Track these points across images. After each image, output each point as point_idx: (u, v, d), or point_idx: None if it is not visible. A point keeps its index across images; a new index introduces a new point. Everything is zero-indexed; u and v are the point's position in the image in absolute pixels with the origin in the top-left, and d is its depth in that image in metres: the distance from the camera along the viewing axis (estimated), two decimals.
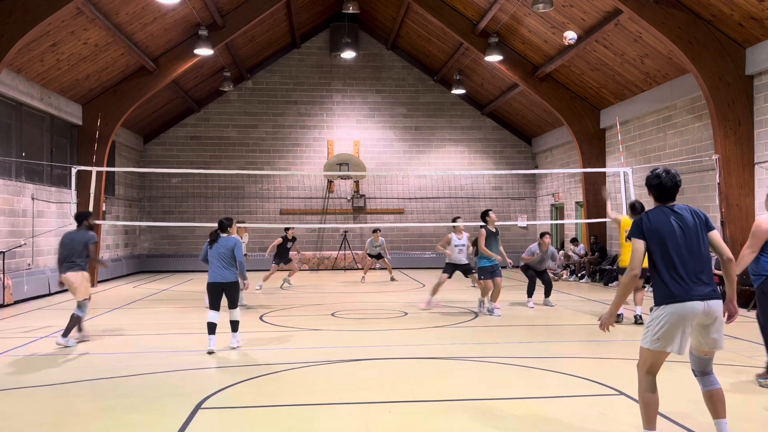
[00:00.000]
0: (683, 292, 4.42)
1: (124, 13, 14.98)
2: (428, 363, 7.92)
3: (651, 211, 4.65)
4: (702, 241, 4.57)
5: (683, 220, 4.56)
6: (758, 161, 12.83)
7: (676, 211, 4.60)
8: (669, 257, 4.49)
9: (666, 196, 4.65)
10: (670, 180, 4.61)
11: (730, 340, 9.14)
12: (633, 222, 4.66)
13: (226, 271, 8.53)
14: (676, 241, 4.51)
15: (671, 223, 4.54)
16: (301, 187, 24.38)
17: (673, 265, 4.48)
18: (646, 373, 4.58)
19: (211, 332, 8.47)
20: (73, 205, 14.24)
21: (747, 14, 12.01)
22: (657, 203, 4.70)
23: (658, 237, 4.51)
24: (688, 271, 4.47)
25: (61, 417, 5.67)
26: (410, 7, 20.53)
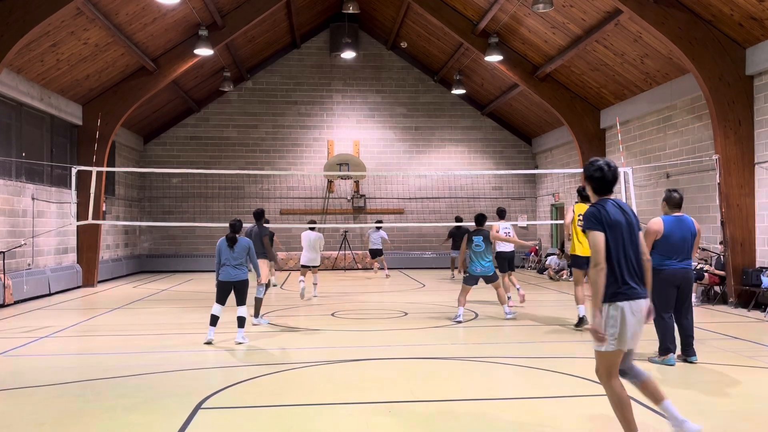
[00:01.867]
0: (634, 289, 4.42)
1: (124, 13, 14.98)
2: (428, 363, 7.92)
3: (605, 202, 4.55)
4: (637, 239, 4.56)
5: (627, 215, 4.54)
6: (758, 161, 12.83)
7: (621, 206, 4.57)
8: (623, 253, 4.44)
9: (607, 189, 4.60)
10: (612, 173, 4.57)
11: (730, 339, 9.16)
12: (589, 213, 4.50)
13: (237, 270, 8.96)
14: (626, 236, 4.47)
15: (622, 218, 4.50)
16: (301, 187, 24.38)
17: (626, 261, 4.44)
18: (611, 378, 4.48)
19: (213, 323, 8.94)
20: (73, 205, 14.23)
21: (747, 14, 12.01)
22: (597, 196, 4.62)
23: (615, 231, 4.43)
24: (635, 268, 4.47)
25: (61, 417, 5.67)
26: (410, 7, 20.52)
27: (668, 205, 7.65)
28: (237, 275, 8.98)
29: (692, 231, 7.53)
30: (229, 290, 9.03)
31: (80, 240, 17.82)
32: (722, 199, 12.94)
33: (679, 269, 7.43)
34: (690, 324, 7.59)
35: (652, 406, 4.80)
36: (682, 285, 7.48)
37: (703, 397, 6.22)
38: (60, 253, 16.84)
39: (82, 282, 17.59)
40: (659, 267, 7.45)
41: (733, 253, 12.77)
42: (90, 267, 17.91)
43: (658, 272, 7.44)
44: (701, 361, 7.56)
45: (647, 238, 7.54)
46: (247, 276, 9.11)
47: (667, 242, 7.43)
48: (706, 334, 9.39)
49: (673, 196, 7.63)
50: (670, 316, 7.51)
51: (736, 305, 12.62)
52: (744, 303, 12.63)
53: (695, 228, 7.58)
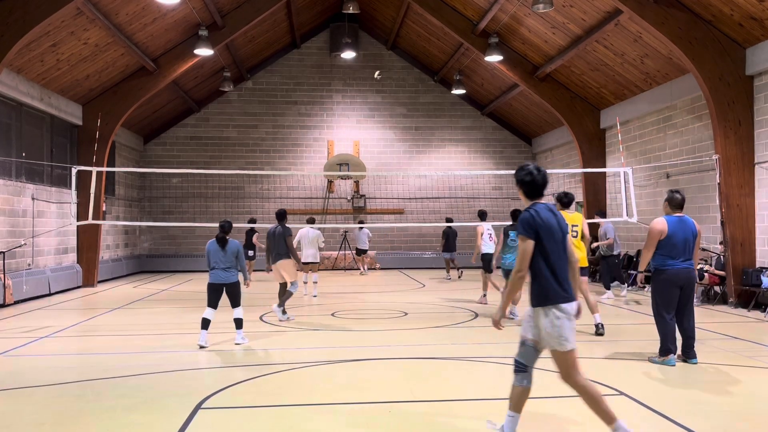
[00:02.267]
0: (569, 292, 4.55)
1: (124, 13, 14.98)
2: (428, 363, 7.92)
3: (538, 207, 4.61)
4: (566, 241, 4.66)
5: (558, 219, 4.64)
6: (758, 161, 12.83)
7: (553, 210, 4.65)
8: (556, 256, 4.54)
9: (538, 193, 4.69)
10: (541, 177, 4.66)
11: (730, 339, 9.16)
12: (523, 219, 4.57)
13: (226, 273, 8.79)
14: (558, 240, 4.57)
15: (555, 221, 4.59)
16: (301, 187, 24.38)
17: (559, 264, 4.54)
18: (577, 376, 4.57)
19: (204, 327, 8.78)
20: (73, 205, 14.23)
21: (747, 14, 12.01)
22: (529, 200, 4.71)
23: (550, 235, 4.51)
24: (563, 272, 4.57)
25: (61, 417, 5.67)
26: (410, 7, 20.52)
27: (670, 206, 7.66)
28: (227, 278, 8.80)
29: (693, 232, 7.54)
30: (220, 293, 8.86)
31: (80, 240, 17.82)
32: (722, 199, 12.94)
33: (682, 269, 7.43)
34: (691, 325, 7.58)
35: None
36: (685, 286, 7.48)
37: (703, 397, 6.22)
38: (60, 253, 16.84)
39: (82, 282, 17.59)
40: (662, 267, 7.46)
41: (733, 253, 12.77)
42: (90, 267, 17.90)
43: (661, 272, 7.46)
44: (701, 361, 7.57)
45: (651, 239, 7.52)
46: (237, 278, 8.92)
47: (669, 242, 7.44)
48: (706, 334, 9.39)
49: (675, 197, 7.65)
50: (672, 317, 7.50)
51: (736, 305, 12.62)
52: (744, 303, 12.63)
53: (696, 229, 7.59)
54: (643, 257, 7.73)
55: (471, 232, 24.88)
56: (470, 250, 24.95)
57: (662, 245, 7.48)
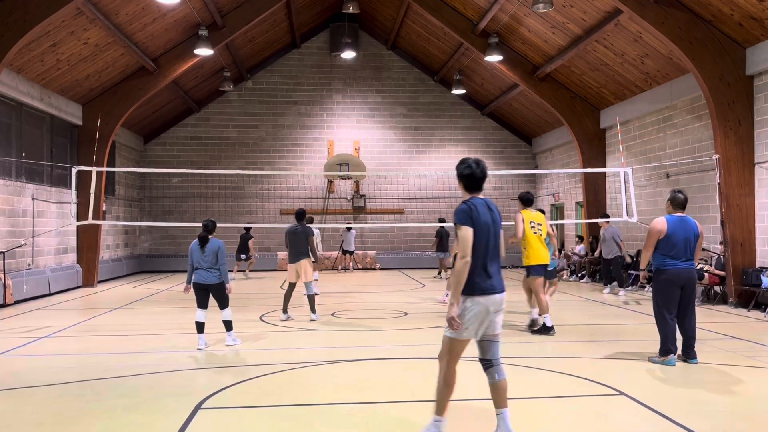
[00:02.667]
0: (492, 285, 4.68)
1: (124, 13, 14.98)
2: (428, 363, 7.91)
3: (475, 201, 4.77)
4: (500, 238, 4.82)
5: (493, 214, 4.79)
6: (758, 161, 12.83)
7: (488, 204, 4.81)
8: (485, 250, 4.66)
9: (477, 187, 4.84)
10: (480, 171, 4.83)
11: (730, 339, 9.16)
12: (460, 210, 4.71)
13: (208, 273, 8.62)
14: (491, 234, 4.71)
15: (489, 217, 4.74)
16: (301, 187, 24.38)
17: (486, 257, 4.67)
18: (452, 362, 4.75)
19: (200, 331, 8.71)
20: (73, 205, 14.23)
21: (747, 14, 12.01)
22: (468, 193, 4.85)
23: (482, 229, 4.65)
24: (494, 264, 4.72)
25: (61, 417, 5.67)
26: (410, 7, 20.52)
27: (672, 205, 7.67)
28: (208, 278, 8.58)
29: (695, 232, 7.53)
30: (205, 292, 8.71)
31: (80, 240, 17.82)
32: (722, 199, 12.94)
33: (683, 269, 7.42)
34: (692, 326, 7.58)
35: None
36: (686, 286, 7.47)
37: (703, 397, 6.22)
38: (60, 253, 16.83)
39: (82, 282, 17.59)
40: (662, 267, 7.46)
41: (733, 253, 12.77)
42: (90, 267, 17.90)
43: (661, 272, 7.46)
44: (701, 361, 7.57)
45: (650, 238, 7.54)
46: (221, 279, 8.67)
47: (669, 242, 7.43)
48: (706, 334, 9.39)
49: (677, 197, 7.66)
50: (672, 317, 7.49)
51: (736, 305, 12.62)
52: (744, 303, 12.63)
53: (698, 229, 7.59)
54: (643, 257, 7.74)
55: None
56: None
57: (662, 245, 7.48)
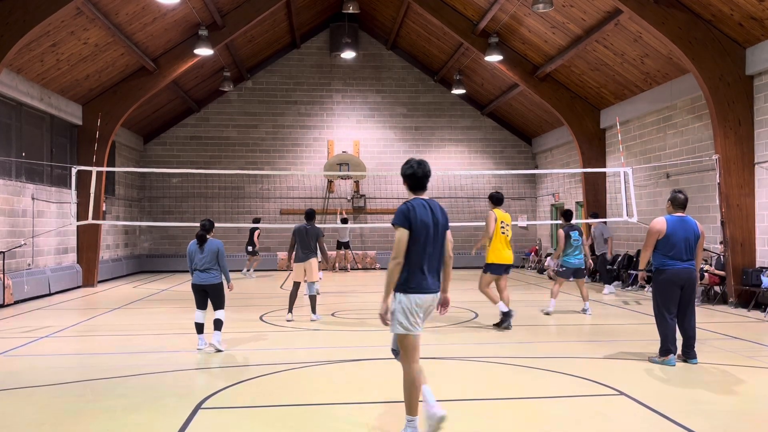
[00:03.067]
0: (425, 284, 4.84)
1: (124, 13, 14.98)
2: (428, 363, 7.90)
3: (415, 201, 4.92)
4: (443, 238, 4.95)
5: (436, 215, 4.91)
6: (758, 161, 12.83)
7: (431, 205, 4.93)
8: (423, 249, 4.81)
9: (419, 187, 5.01)
10: (422, 171, 5.00)
11: (730, 339, 9.16)
12: (399, 211, 4.87)
13: (207, 274, 8.51)
14: (430, 235, 4.84)
15: (429, 216, 4.86)
16: (301, 187, 24.38)
17: (425, 257, 4.82)
18: (409, 359, 4.88)
19: (199, 332, 8.67)
20: (73, 205, 14.23)
21: (747, 14, 12.01)
22: (413, 193, 5.02)
23: (419, 229, 4.79)
24: (431, 265, 4.87)
25: (61, 417, 5.67)
26: (410, 7, 20.52)
27: (672, 205, 7.67)
28: (207, 279, 8.47)
29: (695, 232, 7.53)
30: (204, 293, 8.60)
31: (80, 240, 17.82)
32: (722, 199, 12.94)
33: (683, 269, 7.42)
34: (692, 326, 7.58)
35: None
36: (686, 286, 7.47)
37: (703, 397, 6.22)
38: (60, 253, 16.83)
39: (82, 282, 17.59)
40: (662, 267, 7.46)
41: (733, 253, 12.77)
42: (90, 267, 17.90)
43: (661, 272, 7.46)
44: (701, 361, 7.57)
45: (650, 238, 7.55)
46: (219, 280, 8.58)
47: (668, 242, 7.43)
48: (706, 334, 9.39)
49: (678, 197, 7.66)
50: (672, 316, 7.50)
51: (736, 305, 12.62)
52: (744, 303, 12.64)
53: (699, 230, 7.58)
54: (642, 256, 7.74)
55: (471, 232, 24.92)
56: (467, 250, 24.96)
57: (661, 245, 7.48)
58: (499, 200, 10.38)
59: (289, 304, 11.23)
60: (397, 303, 4.83)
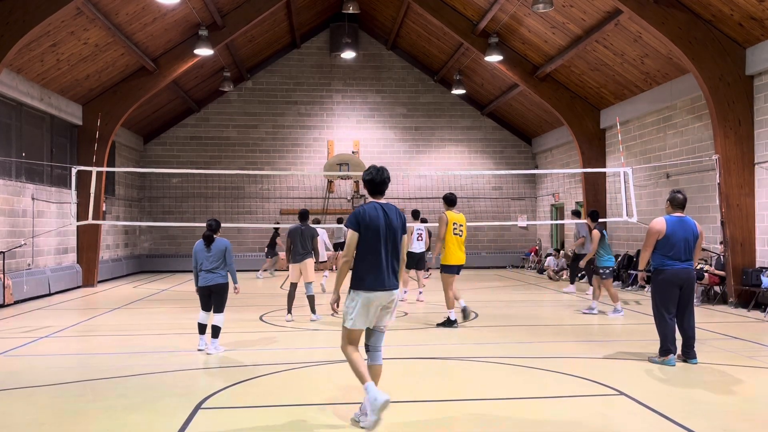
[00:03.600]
0: (378, 283, 5.20)
1: (124, 13, 14.98)
2: (428, 363, 7.92)
3: (367, 205, 5.30)
4: (397, 239, 5.32)
5: (389, 218, 5.27)
6: (758, 161, 12.83)
7: (385, 209, 5.30)
8: (374, 250, 5.19)
9: (377, 191, 5.40)
10: (379, 176, 5.36)
11: (730, 339, 9.16)
12: (352, 214, 5.28)
13: (214, 274, 8.41)
14: (381, 236, 5.21)
15: (381, 219, 5.23)
16: (301, 187, 24.38)
17: (375, 257, 5.19)
18: (347, 347, 5.32)
19: (201, 332, 8.59)
20: (73, 205, 14.22)
21: (747, 14, 12.01)
22: (372, 197, 5.39)
23: (369, 231, 5.17)
24: (386, 265, 5.23)
25: (61, 417, 5.67)
26: (410, 7, 20.52)
27: (671, 205, 7.68)
28: (213, 279, 8.34)
29: (694, 232, 7.54)
30: (209, 295, 8.46)
31: (80, 240, 17.82)
32: (722, 199, 12.94)
33: (681, 269, 7.43)
34: (691, 325, 7.58)
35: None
36: (685, 286, 7.48)
37: (703, 397, 6.22)
38: (60, 253, 16.83)
39: (82, 282, 17.59)
40: (661, 267, 7.47)
41: (733, 253, 12.77)
42: (90, 267, 17.90)
43: (660, 272, 7.47)
44: (701, 361, 7.57)
45: (649, 238, 7.55)
46: (226, 280, 8.47)
47: (668, 242, 7.44)
48: (706, 334, 9.39)
49: (676, 197, 7.67)
50: (671, 316, 7.51)
51: (736, 305, 12.62)
52: (744, 303, 12.64)
53: (697, 230, 7.59)
54: (642, 257, 7.75)
55: (471, 232, 24.90)
56: (467, 251, 24.95)
57: (661, 245, 7.49)
58: (453, 202, 10.69)
59: (288, 305, 11.23)
60: (350, 300, 5.25)
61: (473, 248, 25.03)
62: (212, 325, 8.47)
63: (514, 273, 22.25)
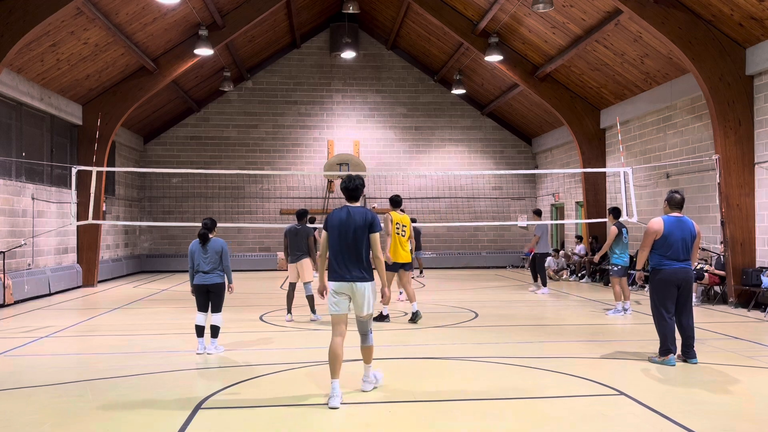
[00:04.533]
0: (341, 274, 6.18)
1: (124, 13, 14.98)
2: (428, 363, 7.92)
3: (336, 210, 6.26)
4: (359, 238, 6.13)
5: (353, 220, 6.13)
6: (758, 161, 12.83)
7: (351, 212, 6.19)
8: (336, 247, 6.18)
9: (351, 197, 6.31)
10: (352, 185, 6.27)
11: (730, 339, 9.16)
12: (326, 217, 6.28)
13: (210, 274, 8.36)
14: (346, 235, 6.13)
15: (344, 221, 6.14)
16: (301, 187, 24.38)
17: (338, 252, 6.17)
18: (333, 336, 6.28)
19: (199, 335, 8.41)
20: (73, 205, 14.22)
21: (747, 14, 12.01)
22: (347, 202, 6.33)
23: (334, 230, 6.18)
24: (346, 259, 6.14)
25: (61, 417, 5.67)
26: (410, 7, 20.52)
27: (669, 205, 7.69)
28: (209, 278, 8.31)
29: (692, 232, 7.55)
30: (207, 295, 8.40)
31: (80, 240, 17.82)
32: (722, 199, 12.94)
33: (679, 269, 7.44)
34: (690, 325, 7.59)
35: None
36: (683, 285, 7.48)
37: (703, 396, 6.22)
38: (60, 253, 16.84)
39: (82, 282, 17.59)
40: (659, 267, 7.48)
41: (733, 253, 12.77)
42: (90, 267, 17.91)
43: (657, 272, 7.48)
44: (701, 361, 7.57)
45: (647, 238, 7.56)
46: (222, 280, 8.42)
47: (666, 242, 7.45)
48: (706, 334, 9.39)
49: (674, 197, 7.68)
50: (671, 316, 7.51)
51: (736, 305, 12.62)
52: (744, 303, 12.64)
53: (695, 230, 7.61)
54: (640, 256, 7.76)
55: (471, 232, 24.94)
56: (467, 251, 24.97)
57: (658, 245, 7.50)
58: (398, 203, 11.42)
59: (288, 305, 11.22)
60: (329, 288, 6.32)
61: (473, 248, 25.05)
62: (211, 325, 8.44)
63: (513, 273, 22.26)
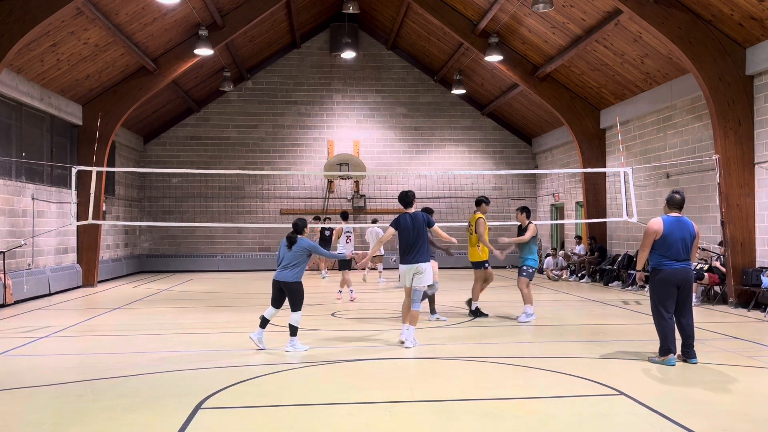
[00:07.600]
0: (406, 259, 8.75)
1: (124, 13, 14.98)
2: (428, 363, 7.92)
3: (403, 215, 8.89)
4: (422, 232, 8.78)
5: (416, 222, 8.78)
6: (758, 161, 12.83)
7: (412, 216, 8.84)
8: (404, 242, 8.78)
9: (405, 206, 9.01)
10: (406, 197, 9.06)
11: (730, 339, 9.17)
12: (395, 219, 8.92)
13: (287, 271, 8.56)
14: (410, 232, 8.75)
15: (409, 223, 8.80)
16: (301, 187, 24.38)
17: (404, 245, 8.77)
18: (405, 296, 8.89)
19: (261, 325, 8.67)
20: (73, 205, 14.22)
21: (747, 14, 12.01)
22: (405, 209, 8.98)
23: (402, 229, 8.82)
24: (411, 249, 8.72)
25: (61, 417, 5.67)
26: (410, 7, 20.52)
27: (669, 205, 7.70)
28: (285, 276, 8.52)
29: (691, 232, 7.56)
30: (280, 291, 8.62)
31: (80, 240, 17.82)
32: (722, 199, 12.94)
33: (678, 269, 7.45)
34: (690, 325, 7.59)
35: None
36: (683, 285, 7.49)
37: (703, 396, 6.22)
38: (60, 253, 16.84)
39: (82, 282, 17.59)
40: (658, 267, 7.49)
41: (733, 253, 12.77)
42: (90, 267, 17.91)
43: (657, 272, 7.48)
44: (701, 361, 7.57)
45: (646, 238, 7.56)
46: (298, 279, 8.58)
47: (665, 242, 7.46)
48: (706, 334, 9.39)
49: (674, 197, 7.68)
50: (671, 316, 7.52)
51: (736, 305, 12.62)
52: (744, 303, 12.64)
53: (694, 230, 7.62)
54: (639, 257, 7.76)
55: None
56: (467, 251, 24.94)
57: (658, 245, 7.51)
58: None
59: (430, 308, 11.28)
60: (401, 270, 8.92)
61: None
62: (289, 324, 8.62)
63: (513, 273, 22.24)
